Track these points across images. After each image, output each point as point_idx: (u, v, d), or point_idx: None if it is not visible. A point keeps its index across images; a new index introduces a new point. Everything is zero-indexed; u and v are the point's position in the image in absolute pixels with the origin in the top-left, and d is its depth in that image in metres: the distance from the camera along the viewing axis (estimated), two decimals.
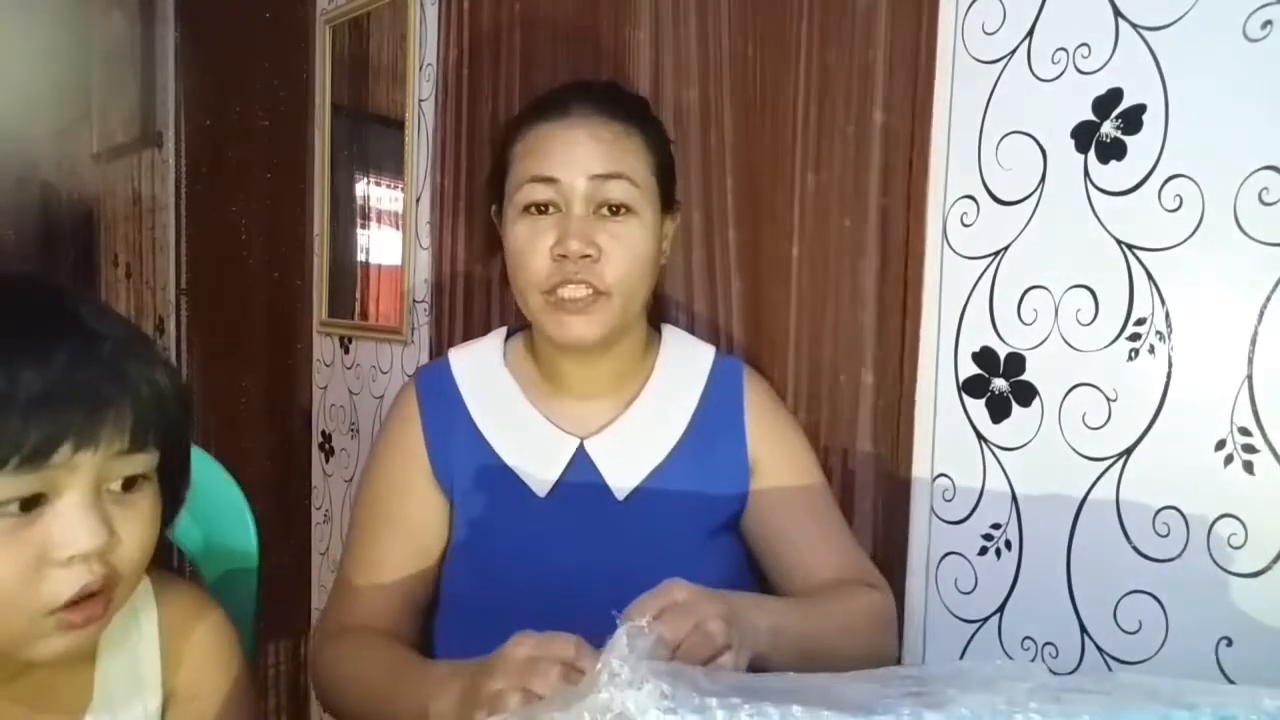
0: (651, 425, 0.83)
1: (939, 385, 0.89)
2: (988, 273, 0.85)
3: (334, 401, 1.86)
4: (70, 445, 0.48)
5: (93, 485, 0.50)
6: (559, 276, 0.76)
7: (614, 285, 0.77)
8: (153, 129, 2.66)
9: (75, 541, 0.49)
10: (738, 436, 0.85)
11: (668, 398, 0.84)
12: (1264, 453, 0.69)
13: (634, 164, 0.78)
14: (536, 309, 0.79)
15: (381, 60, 1.68)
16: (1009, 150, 0.83)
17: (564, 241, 0.75)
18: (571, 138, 0.76)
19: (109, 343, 0.51)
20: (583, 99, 0.79)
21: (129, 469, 0.52)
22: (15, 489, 0.48)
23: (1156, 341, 0.74)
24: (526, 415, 0.84)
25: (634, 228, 0.78)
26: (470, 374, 0.86)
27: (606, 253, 0.76)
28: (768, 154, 1.00)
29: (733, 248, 1.04)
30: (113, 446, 0.50)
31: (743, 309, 1.04)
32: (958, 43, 0.87)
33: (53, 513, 0.49)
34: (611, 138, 0.77)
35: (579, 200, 0.76)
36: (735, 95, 1.03)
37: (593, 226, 0.76)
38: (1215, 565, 0.71)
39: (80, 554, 0.49)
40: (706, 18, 1.04)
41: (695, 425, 0.84)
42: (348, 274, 1.82)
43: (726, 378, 0.87)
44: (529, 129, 0.79)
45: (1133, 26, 0.75)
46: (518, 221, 0.78)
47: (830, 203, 0.94)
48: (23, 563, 0.48)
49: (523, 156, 0.79)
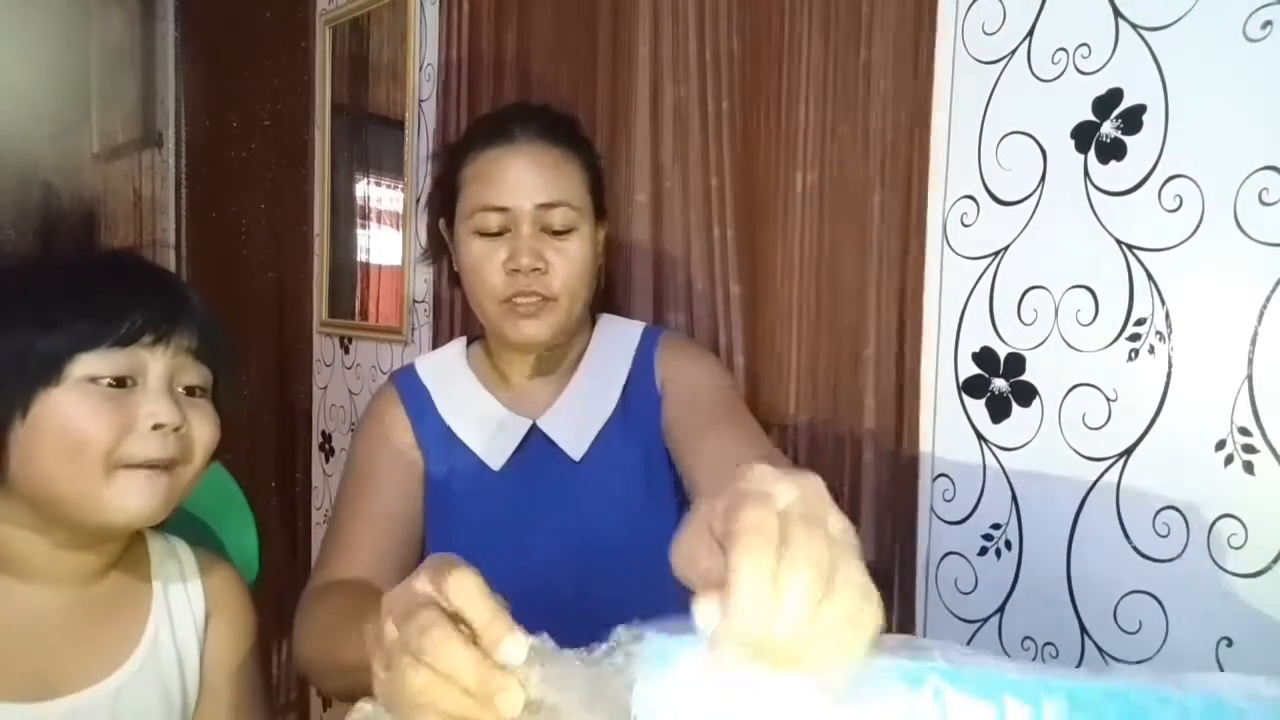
0: (590, 396, 0.93)
1: (939, 385, 0.89)
2: (988, 273, 0.85)
3: (334, 401, 1.86)
4: (151, 335, 0.63)
5: (167, 377, 0.64)
6: (513, 289, 0.86)
7: (560, 292, 0.86)
8: (153, 129, 2.66)
9: (158, 413, 0.62)
10: (652, 390, 0.93)
11: (602, 373, 0.94)
12: (1264, 453, 0.69)
13: (572, 188, 0.87)
14: (493, 315, 0.88)
15: (381, 60, 1.68)
16: (1009, 150, 0.83)
17: (515, 258, 0.85)
18: (517, 164, 0.86)
19: (179, 279, 0.70)
20: (525, 124, 0.88)
21: (193, 375, 0.66)
22: (109, 367, 0.62)
23: (1156, 342, 0.74)
24: (483, 401, 0.94)
25: (574, 243, 0.87)
26: (435, 373, 0.97)
27: (553, 265, 0.86)
28: (766, 154, 1.00)
29: (731, 248, 1.04)
30: (182, 345, 0.65)
31: (742, 309, 1.04)
32: (958, 43, 0.87)
33: (141, 391, 0.63)
34: (552, 163, 0.87)
35: (526, 222, 0.85)
36: (735, 95, 1.03)
37: (540, 243, 0.86)
38: (1215, 565, 0.71)
39: (162, 423, 0.62)
40: (705, 18, 1.04)
41: (626, 392, 0.93)
42: (348, 274, 1.82)
43: (647, 345, 0.96)
44: (477, 154, 0.88)
45: (1133, 26, 0.75)
46: (472, 241, 0.87)
47: (830, 203, 0.95)
48: (116, 425, 0.61)
49: (472, 181, 0.88)
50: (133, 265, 0.68)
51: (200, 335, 0.66)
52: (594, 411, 0.92)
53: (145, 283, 0.66)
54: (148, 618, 0.70)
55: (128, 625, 0.69)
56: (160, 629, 0.70)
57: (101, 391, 0.61)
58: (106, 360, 0.61)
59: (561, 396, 0.93)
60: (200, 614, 0.73)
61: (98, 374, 0.61)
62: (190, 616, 0.73)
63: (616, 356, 0.95)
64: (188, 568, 0.74)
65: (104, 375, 0.61)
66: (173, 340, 0.64)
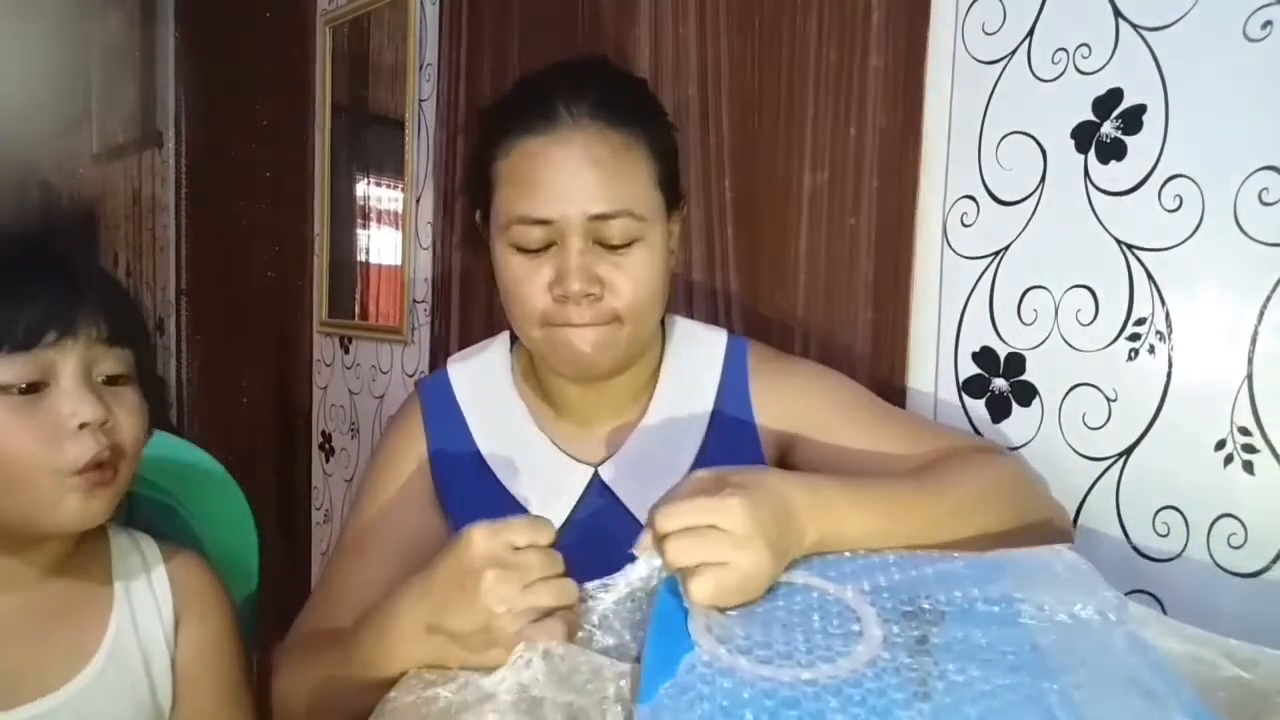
0: (667, 441, 0.76)
1: (939, 385, 0.89)
2: (988, 273, 0.85)
3: (334, 401, 1.86)
4: (54, 332, 0.59)
5: (83, 370, 0.60)
6: (561, 318, 0.69)
7: (625, 312, 0.69)
8: (153, 129, 2.66)
9: (80, 411, 0.59)
10: (748, 430, 0.78)
11: (680, 407, 0.77)
12: (1264, 453, 0.69)
13: (636, 190, 0.69)
14: (538, 342, 0.72)
15: (381, 60, 1.68)
16: (1009, 150, 0.83)
17: (564, 281, 0.67)
18: (564, 164, 0.67)
19: (77, 256, 0.63)
20: (575, 97, 0.68)
21: (111, 363, 0.62)
22: (15, 373, 0.58)
23: (1156, 341, 0.74)
24: (533, 440, 0.77)
25: (639, 256, 0.69)
26: (471, 390, 0.80)
27: (611, 285, 0.68)
28: (767, 153, 1.00)
29: (732, 247, 1.04)
30: (91, 335, 0.60)
31: (742, 308, 1.04)
32: (958, 43, 0.87)
33: (55, 393, 0.59)
34: (610, 156, 0.67)
35: (577, 235, 0.67)
36: (735, 94, 1.03)
37: (594, 259, 0.68)
38: (1215, 565, 0.71)
39: (87, 421, 0.59)
40: (706, 17, 1.04)
41: (713, 433, 0.76)
42: (348, 274, 1.82)
43: (735, 367, 0.79)
44: (513, 142, 0.69)
45: (1133, 26, 0.75)
46: (510, 257, 0.70)
47: (830, 202, 0.94)
48: (40, 434, 0.58)
49: (508, 182, 0.69)
50: (18, 257, 0.62)
51: (109, 319, 0.61)
52: (669, 460, 0.74)
53: (36, 275, 0.60)
54: (109, 618, 0.67)
55: (87, 627, 0.66)
56: (123, 630, 0.67)
57: (13, 402, 0.58)
58: (11, 368, 0.58)
59: (630, 440, 0.76)
60: (168, 611, 0.70)
61: (6, 383, 0.58)
62: (156, 615, 0.69)
63: (697, 384, 0.78)
64: (151, 562, 0.71)
65: (12, 384, 0.58)
66: (79, 332, 0.60)
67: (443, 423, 0.79)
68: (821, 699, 0.42)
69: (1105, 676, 0.44)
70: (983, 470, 0.67)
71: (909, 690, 0.43)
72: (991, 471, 0.67)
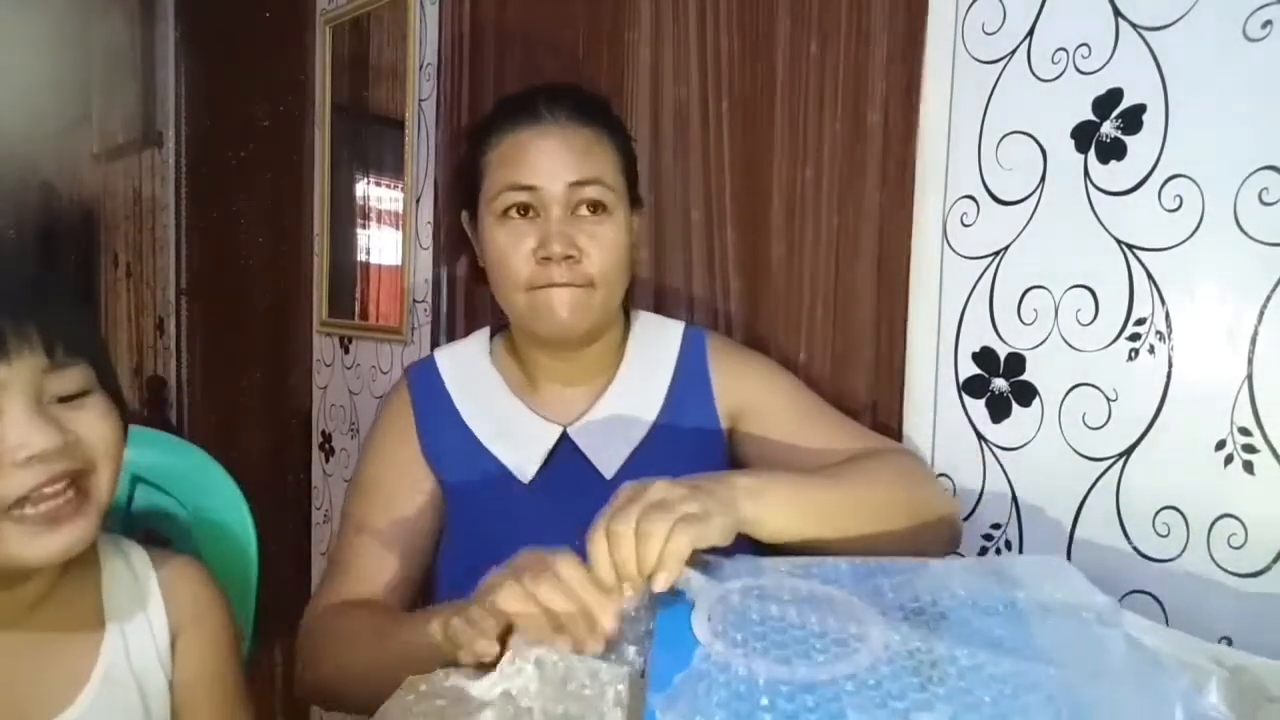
0: (629, 406, 0.86)
1: (939, 385, 0.89)
2: (988, 273, 0.85)
3: (334, 401, 1.86)
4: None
5: (31, 397, 0.55)
6: (543, 279, 0.79)
7: (598, 278, 0.80)
8: (153, 129, 2.66)
9: (28, 443, 0.53)
10: (707, 403, 0.88)
11: (642, 379, 0.88)
12: (1264, 453, 0.69)
13: (606, 168, 0.81)
14: (522, 307, 0.82)
15: (381, 60, 1.68)
16: (1009, 150, 0.83)
17: (546, 244, 0.78)
18: (546, 146, 0.79)
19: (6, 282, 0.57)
20: (553, 103, 0.81)
21: (63, 382, 0.57)
22: None
23: (1156, 341, 0.74)
24: (510, 406, 0.87)
25: (609, 226, 0.81)
26: (456, 370, 0.90)
27: (587, 251, 0.79)
28: (766, 153, 1.00)
29: (731, 247, 1.04)
30: (36, 359, 0.55)
31: (741, 307, 1.04)
32: (958, 43, 0.86)
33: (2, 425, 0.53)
34: (584, 143, 0.80)
35: (557, 204, 0.79)
36: (734, 94, 1.03)
37: (572, 227, 0.79)
38: (1215, 565, 0.71)
39: (35, 454, 0.54)
40: (705, 17, 1.04)
41: (670, 401, 0.87)
42: (348, 274, 1.82)
43: (693, 349, 0.90)
44: (501, 136, 0.82)
45: (1133, 26, 0.75)
46: (497, 227, 0.81)
47: (829, 202, 0.94)
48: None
49: (498, 165, 0.81)
50: None
51: (49, 338, 0.56)
52: (631, 423, 0.85)
53: None
54: (100, 647, 0.64)
55: (78, 655, 0.63)
56: (115, 658, 0.64)
57: None
58: None
59: (596, 404, 0.86)
60: (162, 628, 0.67)
61: None
62: (150, 636, 0.66)
63: (657, 360, 0.89)
64: (144, 579, 0.67)
65: None
66: (18, 357, 0.54)
67: (429, 397, 0.88)
68: (837, 684, 0.44)
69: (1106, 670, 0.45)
70: (888, 466, 0.78)
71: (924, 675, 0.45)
72: (895, 467, 0.78)
